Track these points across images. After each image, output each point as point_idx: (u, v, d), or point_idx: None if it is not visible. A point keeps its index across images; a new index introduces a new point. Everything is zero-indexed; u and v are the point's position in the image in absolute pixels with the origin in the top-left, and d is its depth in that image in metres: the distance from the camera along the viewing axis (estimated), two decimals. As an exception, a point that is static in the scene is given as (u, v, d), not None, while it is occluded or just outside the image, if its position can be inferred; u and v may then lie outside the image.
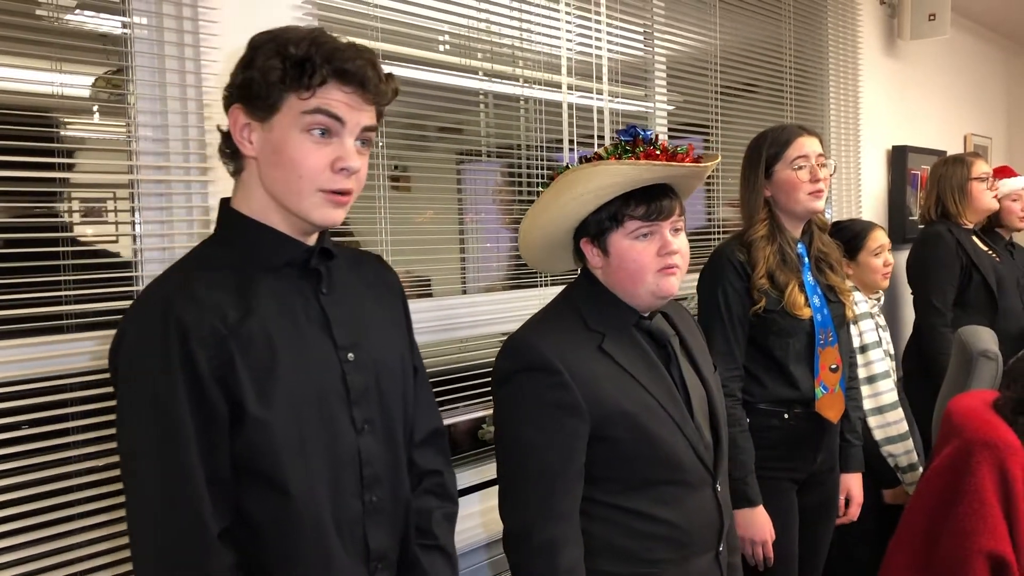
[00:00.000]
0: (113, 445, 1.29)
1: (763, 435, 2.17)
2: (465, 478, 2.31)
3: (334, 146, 1.21)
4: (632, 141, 1.56)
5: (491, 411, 1.65)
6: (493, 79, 2.40)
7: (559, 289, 1.74)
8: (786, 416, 2.20)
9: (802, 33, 3.56)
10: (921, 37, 3.96)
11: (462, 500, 2.22)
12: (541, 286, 2.48)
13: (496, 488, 1.59)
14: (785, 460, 2.21)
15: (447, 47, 2.33)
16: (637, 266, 1.57)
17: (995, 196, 3.49)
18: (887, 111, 4.10)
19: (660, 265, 1.56)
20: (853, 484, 2.38)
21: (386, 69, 1.27)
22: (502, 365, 1.59)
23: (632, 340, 1.61)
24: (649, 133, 1.58)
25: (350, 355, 1.29)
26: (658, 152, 1.55)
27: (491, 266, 2.55)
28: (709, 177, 3.05)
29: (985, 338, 2.66)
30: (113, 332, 1.21)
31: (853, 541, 2.56)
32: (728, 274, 2.18)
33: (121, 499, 1.28)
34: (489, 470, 2.30)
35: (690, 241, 1.65)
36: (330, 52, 1.19)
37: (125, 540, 1.26)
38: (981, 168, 3.47)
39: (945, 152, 4.36)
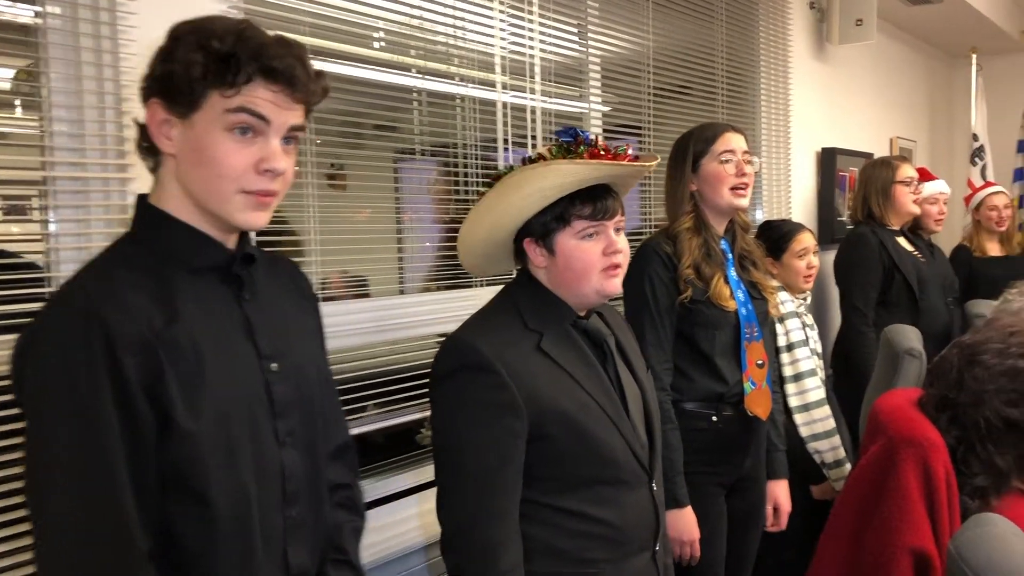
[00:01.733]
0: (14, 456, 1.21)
1: (691, 438, 2.17)
2: (402, 481, 2.28)
3: (259, 146, 1.17)
4: (573, 141, 1.57)
5: (428, 413, 1.63)
6: (427, 76, 2.37)
7: (496, 289, 1.73)
8: (714, 418, 2.21)
9: (734, 36, 3.60)
10: (849, 41, 4.04)
11: (399, 503, 2.22)
12: (478, 286, 2.46)
13: (434, 491, 1.57)
14: (713, 464, 2.23)
15: (381, 43, 2.29)
16: (584, 265, 1.58)
17: (916, 200, 3.58)
18: (817, 114, 4.18)
19: (606, 264, 1.58)
20: (780, 492, 2.40)
21: (316, 66, 1.23)
22: (440, 365, 1.58)
23: (570, 339, 1.62)
24: (588, 134, 1.59)
25: (273, 365, 1.25)
26: (601, 152, 1.56)
27: (427, 266, 2.52)
28: (646, 178, 3.11)
29: (910, 336, 2.72)
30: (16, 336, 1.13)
31: (780, 541, 2.59)
32: (655, 264, 2.19)
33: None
34: (427, 472, 2.26)
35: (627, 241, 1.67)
36: (257, 48, 1.14)
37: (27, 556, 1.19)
38: (906, 172, 3.55)
39: (872, 155, 4.47)
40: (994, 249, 4.42)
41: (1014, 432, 1.62)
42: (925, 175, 4.08)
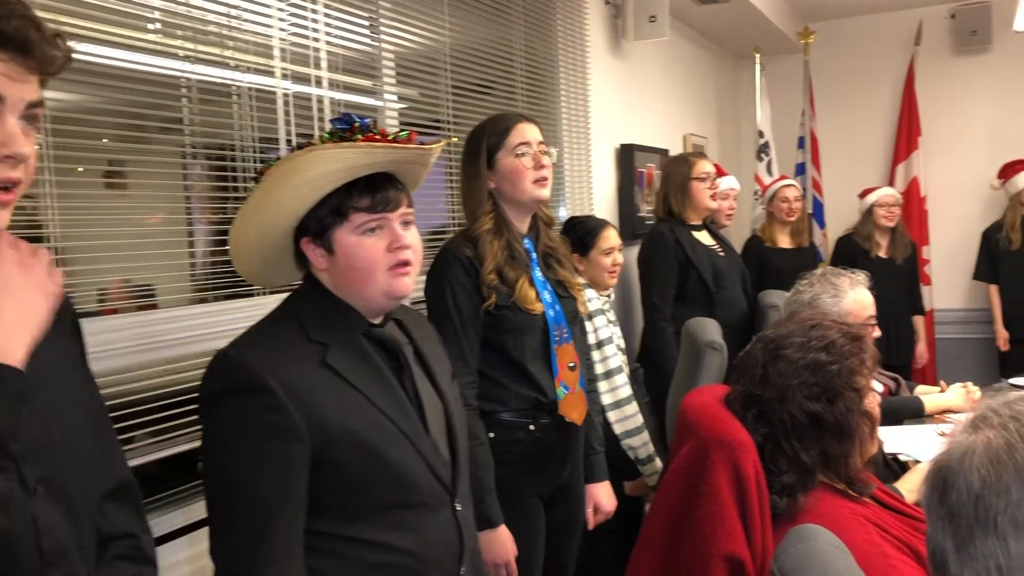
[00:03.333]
0: None
1: (509, 450, 2.07)
2: (171, 520, 2.00)
3: None
4: (348, 128, 1.41)
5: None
6: (198, 63, 2.12)
7: (281, 298, 1.53)
8: (532, 427, 2.11)
9: (532, 32, 3.55)
10: (643, 38, 4.09)
11: (166, 547, 1.93)
12: (260, 294, 2.23)
13: (207, 529, 1.37)
14: (532, 475, 2.13)
15: (156, 25, 2.02)
16: (366, 263, 1.43)
17: (713, 196, 3.66)
18: (615, 110, 4.21)
19: (392, 261, 1.44)
20: (601, 494, 2.34)
21: (54, 28, 1.02)
22: (207, 387, 1.39)
23: (360, 351, 1.46)
24: (367, 120, 1.43)
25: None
26: (377, 136, 1.41)
27: (205, 274, 2.26)
28: (450, 173, 2.98)
29: (711, 329, 2.75)
30: None
31: (597, 539, 2.56)
32: (456, 271, 2.06)
33: None
34: (198, 509, 2.00)
35: (430, 241, 1.51)
36: None
37: None
38: (702, 168, 3.62)
39: (668, 151, 4.56)
40: (784, 241, 4.65)
41: (817, 426, 1.61)
42: (717, 171, 4.21)
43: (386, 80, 2.74)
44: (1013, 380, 3.35)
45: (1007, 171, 5.13)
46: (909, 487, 2.03)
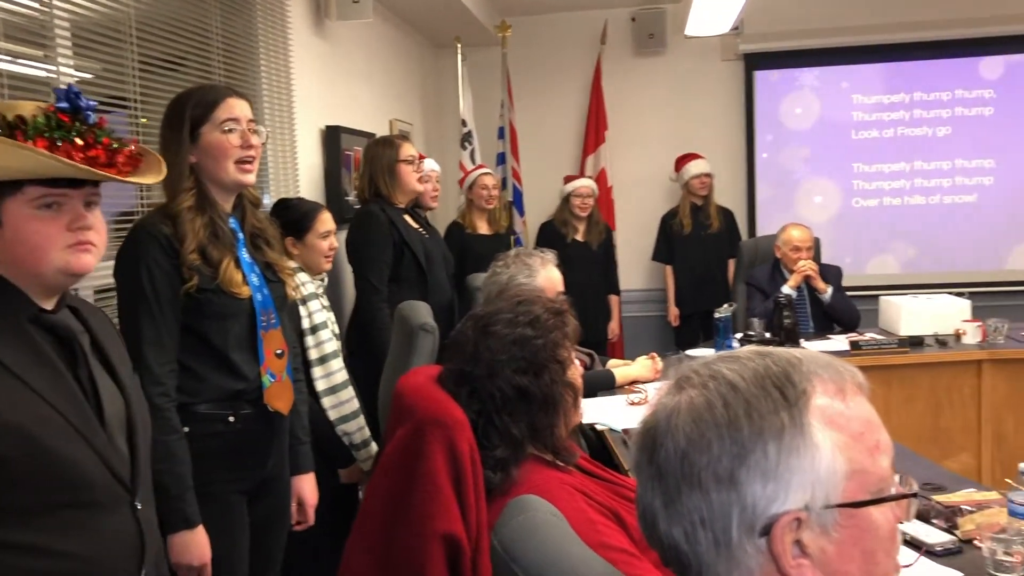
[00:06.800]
0: None
1: (206, 443, 1.94)
2: None
3: None
4: (71, 111, 1.25)
5: None
6: None
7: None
8: (232, 419, 1.99)
9: (229, 5, 3.34)
10: (346, 19, 4.02)
11: None
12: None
13: None
14: (233, 470, 2.01)
15: None
16: (40, 241, 1.30)
17: (420, 179, 3.69)
18: (319, 91, 4.10)
19: (71, 240, 1.32)
20: (305, 487, 2.27)
21: None
22: None
23: (25, 338, 1.31)
24: (92, 112, 1.26)
25: None
26: (81, 144, 1.27)
27: None
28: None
29: (422, 312, 2.77)
30: None
31: (314, 531, 2.48)
32: (152, 250, 1.89)
33: None
34: None
35: (116, 226, 1.37)
36: None
37: None
38: (408, 151, 3.64)
39: (375, 134, 4.53)
40: (484, 227, 4.83)
41: (525, 400, 1.66)
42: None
43: (60, 50, 2.44)
44: (689, 352, 3.71)
45: (679, 163, 5.69)
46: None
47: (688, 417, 0.86)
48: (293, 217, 2.96)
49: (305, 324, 2.75)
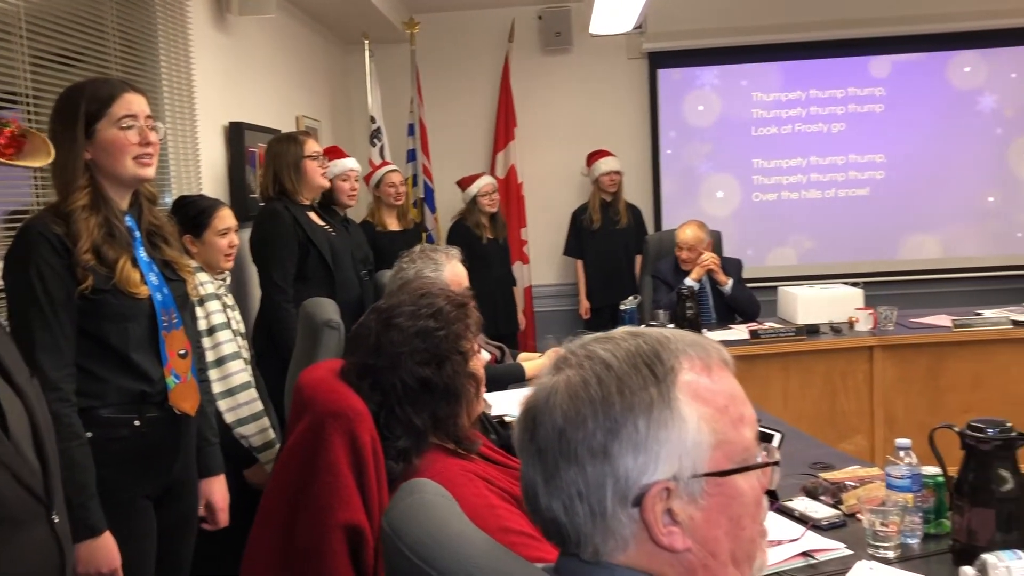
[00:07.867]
0: None
1: (110, 449, 1.90)
2: None
3: None
4: None
5: None
6: None
7: None
8: (137, 423, 1.96)
9: (125, 1, 3.27)
10: (248, 13, 3.97)
11: None
12: None
13: None
14: (139, 475, 1.98)
15: None
16: None
17: (324, 175, 3.68)
18: (222, 87, 4.03)
19: None
20: (215, 489, 2.24)
21: None
22: None
23: None
24: None
25: None
26: None
27: None
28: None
29: (328, 309, 2.76)
30: None
31: (222, 532, 2.45)
32: (42, 251, 1.84)
33: None
34: None
35: (8, 225, 1.32)
36: None
37: None
38: (312, 147, 3.62)
39: (280, 131, 4.47)
40: (393, 224, 4.84)
41: (427, 391, 1.68)
42: (337, 153, 4.23)
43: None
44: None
45: (591, 159, 5.79)
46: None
47: (565, 395, 0.90)
48: (191, 214, 2.91)
49: (202, 325, 2.70)
